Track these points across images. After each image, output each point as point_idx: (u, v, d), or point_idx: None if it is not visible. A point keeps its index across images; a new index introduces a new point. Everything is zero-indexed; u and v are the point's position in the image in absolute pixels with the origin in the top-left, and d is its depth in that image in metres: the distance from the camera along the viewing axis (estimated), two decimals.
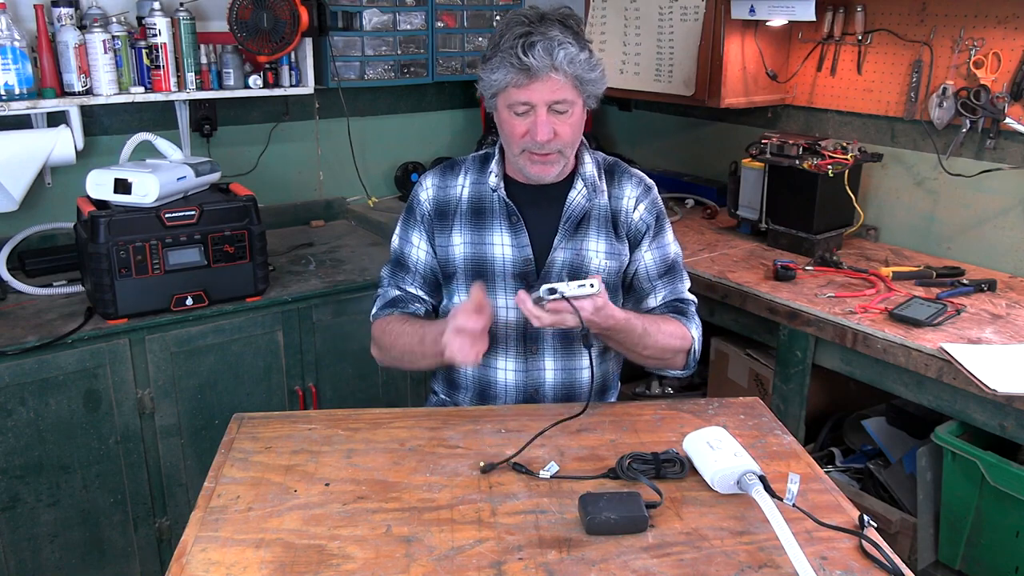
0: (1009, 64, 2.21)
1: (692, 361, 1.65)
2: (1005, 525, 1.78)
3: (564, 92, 1.49)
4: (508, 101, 1.52)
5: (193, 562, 1.12)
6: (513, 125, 1.54)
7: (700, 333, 1.66)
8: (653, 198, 1.69)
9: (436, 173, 1.71)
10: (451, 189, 1.68)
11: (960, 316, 1.96)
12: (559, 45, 1.46)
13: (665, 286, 1.68)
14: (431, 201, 1.68)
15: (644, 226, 1.67)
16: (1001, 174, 2.27)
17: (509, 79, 1.48)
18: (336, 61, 2.74)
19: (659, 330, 1.56)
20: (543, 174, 1.57)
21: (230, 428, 1.47)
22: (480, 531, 1.19)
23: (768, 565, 1.12)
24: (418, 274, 1.69)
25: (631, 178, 1.69)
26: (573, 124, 1.54)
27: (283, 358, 2.29)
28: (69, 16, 2.21)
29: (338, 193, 3.01)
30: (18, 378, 1.92)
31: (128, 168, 2.08)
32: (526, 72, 1.46)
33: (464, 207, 1.66)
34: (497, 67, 1.49)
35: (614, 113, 3.49)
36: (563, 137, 1.53)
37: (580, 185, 1.64)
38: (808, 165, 2.35)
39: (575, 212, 1.63)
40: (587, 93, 1.54)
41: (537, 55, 1.45)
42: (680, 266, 1.72)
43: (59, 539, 2.05)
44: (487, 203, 1.65)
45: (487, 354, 1.63)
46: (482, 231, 1.64)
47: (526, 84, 1.48)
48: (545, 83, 1.48)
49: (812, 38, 2.66)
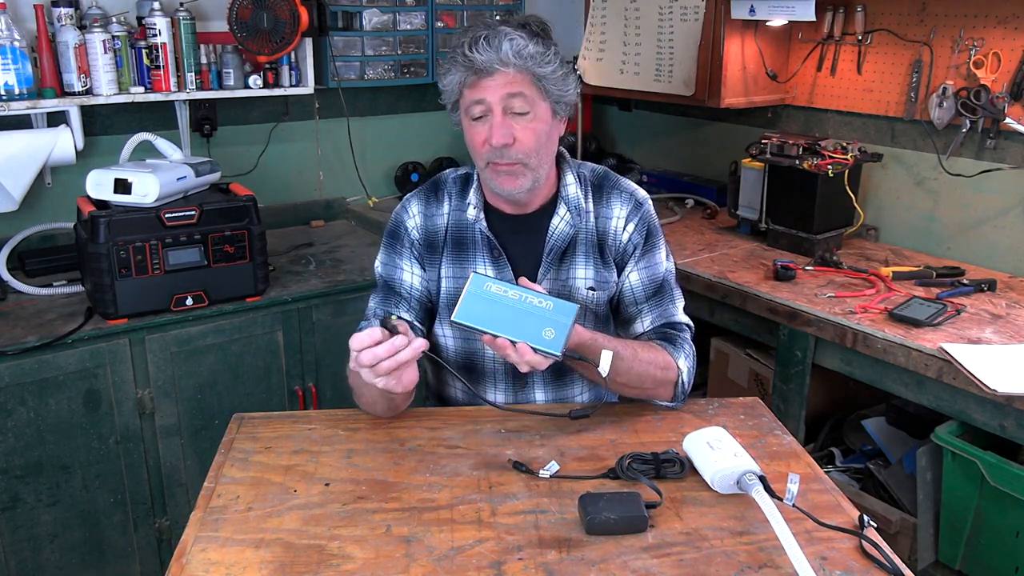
0: (1009, 64, 2.21)
1: (680, 393, 1.51)
2: (1005, 525, 1.78)
3: (518, 86, 1.42)
4: (465, 106, 1.46)
5: (193, 562, 1.12)
6: (472, 134, 1.47)
7: (692, 363, 1.53)
8: (644, 214, 1.57)
9: (420, 199, 1.60)
10: (437, 219, 1.59)
11: (960, 316, 1.96)
12: (505, 36, 1.40)
13: (653, 309, 1.57)
14: (419, 230, 1.58)
15: (632, 246, 1.56)
16: (1001, 174, 2.27)
17: (459, 79, 1.44)
18: (336, 61, 2.74)
19: (635, 356, 1.43)
20: (512, 187, 1.47)
21: (230, 428, 1.47)
22: (480, 531, 1.19)
23: (768, 565, 1.12)
24: (413, 299, 1.57)
25: (620, 194, 1.58)
26: (536, 130, 1.45)
27: (283, 358, 2.29)
28: (69, 16, 2.21)
29: (338, 193, 3.01)
30: (18, 378, 1.92)
31: (128, 168, 2.08)
32: (474, 69, 1.41)
33: (448, 238, 1.58)
34: (448, 70, 1.45)
35: (614, 113, 3.49)
36: (524, 143, 1.44)
37: (563, 210, 1.54)
38: (808, 165, 2.35)
39: (559, 241, 1.54)
40: (552, 96, 1.46)
41: (482, 48, 1.39)
42: (671, 286, 1.60)
43: (59, 539, 2.05)
44: (468, 234, 1.57)
45: (477, 386, 1.60)
46: (464, 264, 1.56)
47: (475, 81, 1.42)
48: (495, 79, 1.41)
49: (812, 38, 2.66)
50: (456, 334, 1.60)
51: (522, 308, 1.31)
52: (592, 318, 1.58)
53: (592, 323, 1.57)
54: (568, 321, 1.29)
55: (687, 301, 1.64)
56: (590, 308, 1.57)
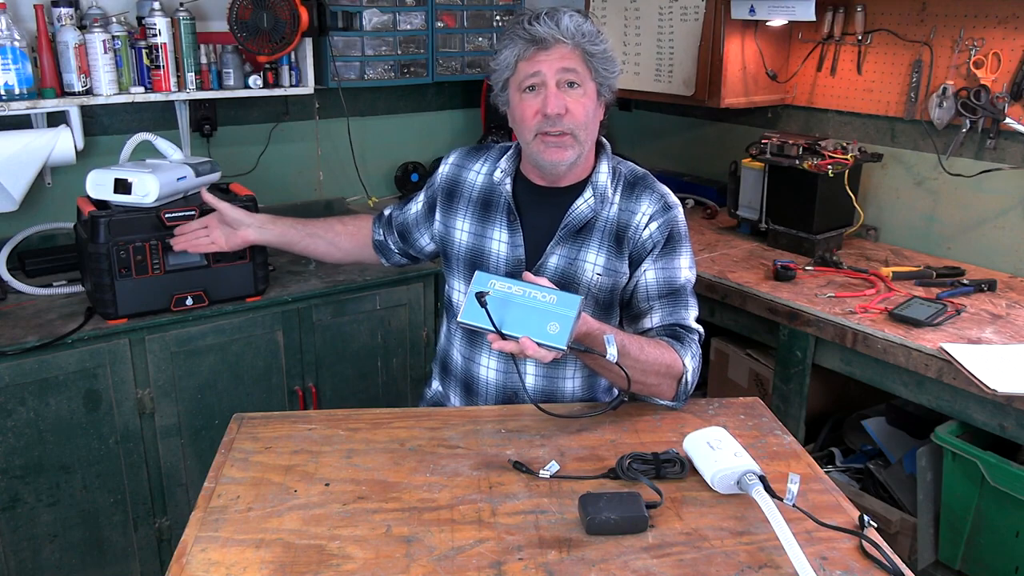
0: (1009, 64, 2.21)
1: (683, 392, 1.52)
2: (1005, 525, 1.78)
3: (572, 61, 1.50)
4: (518, 80, 1.53)
5: (193, 562, 1.12)
6: (524, 107, 1.53)
7: (697, 364, 1.54)
8: (671, 217, 1.59)
9: (461, 152, 1.74)
10: (467, 172, 1.70)
11: (960, 316, 1.96)
12: (565, 13, 1.50)
13: (663, 308, 1.59)
14: (445, 178, 1.72)
15: (652, 244, 1.58)
16: (1001, 174, 2.27)
17: (517, 53, 1.51)
18: (336, 61, 2.74)
19: (641, 350, 1.45)
20: (559, 159, 1.53)
21: (230, 428, 1.47)
22: (480, 531, 1.19)
23: (768, 565, 1.12)
24: (404, 220, 1.81)
25: (652, 194, 1.61)
26: (586, 104, 1.53)
27: (283, 358, 2.29)
28: (69, 16, 2.21)
29: (338, 193, 3.01)
30: (18, 378, 1.92)
31: (128, 168, 2.07)
32: (533, 42, 1.49)
33: (475, 195, 1.67)
34: (505, 46, 1.53)
35: (614, 113, 3.49)
36: (575, 115, 1.52)
37: (589, 193, 1.59)
38: (808, 165, 2.35)
39: (576, 219, 1.59)
40: (598, 77, 1.54)
41: (543, 22, 1.48)
42: (688, 293, 1.61)
43: (59, 539, 2.05)
44: (495, 197, 1.65)
45: (473, 347, 1.65)
46: (485, 224, 1.64)
47: (533, 55, 1.50)
48: (552, 53, 1.49)
49: (812, 38, 2.66)
50: (465, 289, 1.62)
51: (526, 304, 1.32)
52: (593, 303, 1.60)
53: (592, 308, 1.60)
54: (572, 314, 1.30)
55: None
56: (592, 292, 1.59)
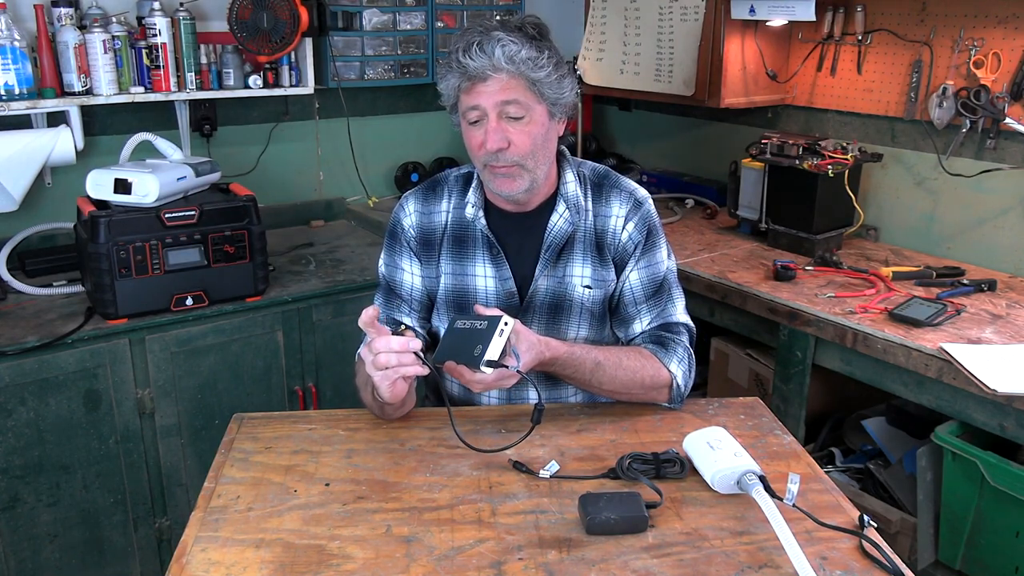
0: (1009, 64, 2.21)
1: (677, 396, 1.51)
2: (1005, 525, 1.78)
3: (513, 92, 1.42)
4: (462, 111, 1.47)
5: (193, 562, 1.12)
6: (470, 137, 1.48)
7: (687, 366, 1.52)
8: (644, 213, 1.56)
9: (418, 197, 1.61)
10: (435, 216, 1.59)
11: (960, 316, 1.96)
12: (498, 42, 1.39)
13: (651, 309, 1.57)
14: (415, 228, 1.59)
15: (632, 245, 1.56)
16: (1001, 174, 2.27)
17: (455, 84, 1.45)
18: (336, 61, 2.74)
19: (619, 364, 1.45)
20: (509, 189, 1.48)
21: (230, 428, 1.47)
22: (480, 531, 1.19)
23: (768, 565, 1.12)
24: (414, 301, 1.60)
25: (620, 193, 1.57)
26: (532, 133, 1.45)
27: (283, 358, 2.29)
28: (69, 16, 2.21)
29: (338, 193, 3.01)
30: (18, 378, 1.92)
31: (128, 168, 2.08)
32: (467, 75, 1.42)
33: (448, 234, 1.58)
34: (444, 75, 1.46)
35: (614, 113, 3.49)
36: (519, 147, 1.44)
37: (562, 207, 1.54)
38: (808, 165, 2.35)
39: (556, 238, 1.54)
40: (548, 99, 1.45)
41: (475, 55, 1.39)
42: (671, 285, 1.59)
43: (59, 539, 2.05)
44: (469, 231, 1.57)
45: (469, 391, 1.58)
46: (464, 262, 1.57)
47: (471, 87, 1.43)
48: (489, 84, 1.42)
49: (812, 38, 2.66)
50: None
51: (469, 334, 1.35)
52: (588, 317, 1.58)
53: (588, 322, 1.58)
54: (491, 334, 1.31)
55: (687, 301, 1.64)
56: (586, 307, 1.57)
